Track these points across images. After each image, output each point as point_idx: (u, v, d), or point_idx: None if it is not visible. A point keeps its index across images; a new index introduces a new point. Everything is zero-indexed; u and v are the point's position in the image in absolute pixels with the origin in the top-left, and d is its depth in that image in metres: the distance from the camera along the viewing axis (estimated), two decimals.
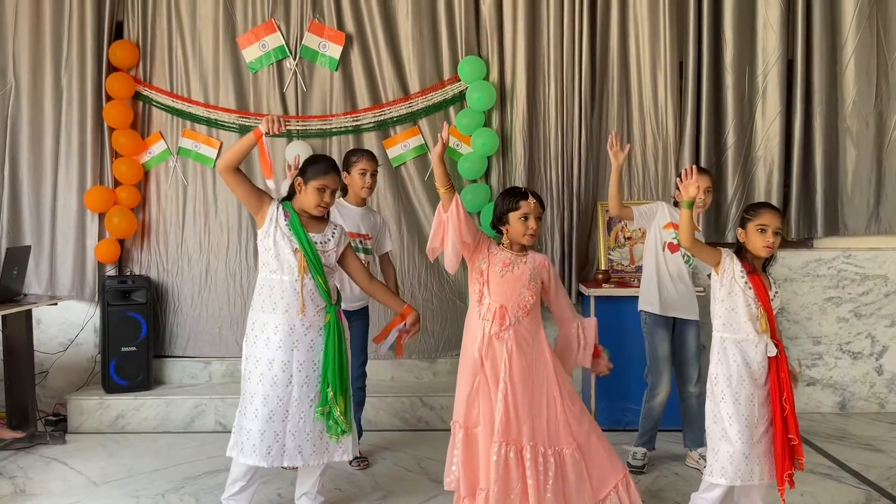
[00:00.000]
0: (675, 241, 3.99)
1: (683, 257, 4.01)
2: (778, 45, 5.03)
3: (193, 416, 4.84)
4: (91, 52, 5.19)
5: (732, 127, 5.08)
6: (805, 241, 5.24)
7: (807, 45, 5.06)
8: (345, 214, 3.94)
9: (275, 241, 3.19)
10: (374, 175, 4.08)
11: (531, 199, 3.13)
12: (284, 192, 3.45)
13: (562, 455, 3.03)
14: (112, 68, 5.24)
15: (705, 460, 3.94)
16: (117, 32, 5.30)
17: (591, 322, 3.27)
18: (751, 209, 3.19)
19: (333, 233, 3.32)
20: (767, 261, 3.16)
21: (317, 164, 3.27)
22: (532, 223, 3.10)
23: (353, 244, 3.62)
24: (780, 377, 3.04)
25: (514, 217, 3.13)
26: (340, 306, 3.32)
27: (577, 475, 3.02)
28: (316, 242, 3.23)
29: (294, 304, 3.17)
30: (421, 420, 4.84)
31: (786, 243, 5.18)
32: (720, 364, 3.12)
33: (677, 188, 3.25)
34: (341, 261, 3.36)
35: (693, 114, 5.06)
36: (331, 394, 3.17)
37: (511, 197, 3.17)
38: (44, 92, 5.24)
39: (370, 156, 4.10)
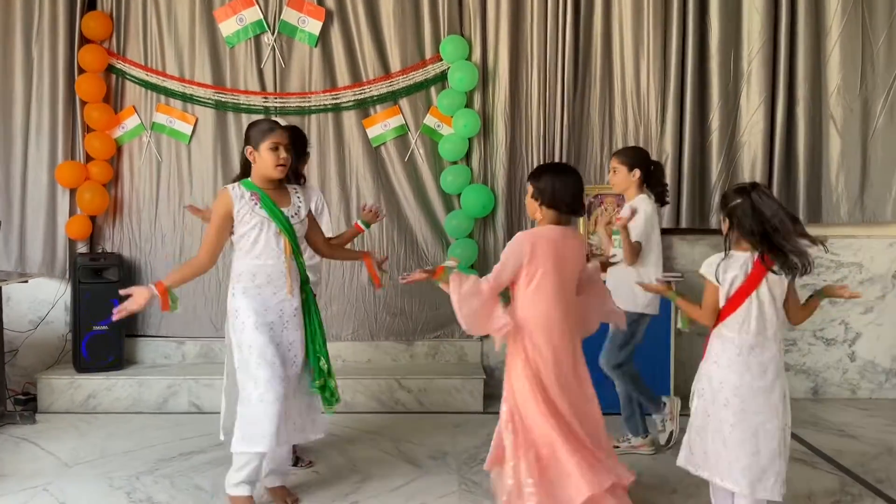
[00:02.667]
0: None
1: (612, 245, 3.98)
2: (763, 29, 5.00)
3: (166, 397, 4.77)
4: (63, 22, 5.05)
5: (717, 110, 5.05)
6: None
7: (791, 31, 5.02)
8: None
9: (252, 227, 3.12)
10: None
11: None
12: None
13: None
14: (84, 40, 5.10)
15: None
16: (90, 3, 5.16)
17: None
18: None
19: (300, 197, 3.29)
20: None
21: (259, 126, 3.20)
22: None
23: None
24: None
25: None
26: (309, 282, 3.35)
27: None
28: (291, 217, 3.20)
29: (281, 287, 3.16)
30: (398, 402, 4.81)
31: None
32: None
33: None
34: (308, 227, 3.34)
35: (676, 98, 5.02)
36: (324, 366, 3.23)
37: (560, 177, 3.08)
38: (14, 63, 5.11)
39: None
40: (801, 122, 5.06)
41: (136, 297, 3.00)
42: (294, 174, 3.45)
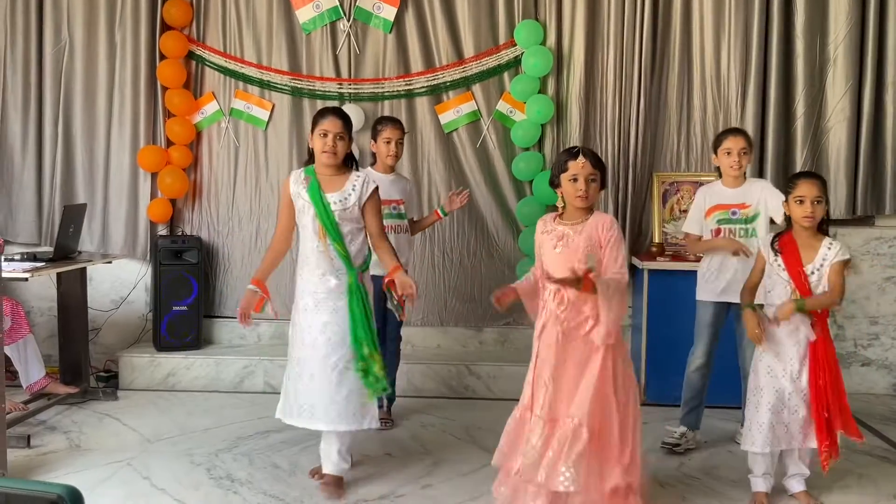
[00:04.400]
0: (719, 226, 3.82)
1: (740, 233, 3.80)
2: (851, 11, 4.81)
3: (243, 377, 4.88)
4: (145, 9, 5.16)
5: (802, 97, 4.89)
6: (866, 219, 5.06)
7: (880, 12, 4.82)
8: None
9: (300, 210, 3.28)
10: (399, 143, 4.10)
11: (581, 159, 2.90)
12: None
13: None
14: (166, 26, 5.20)
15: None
16: None
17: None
18: (790, 180, 3.21)
19: (354, 186, 3.27)
20: (823, 224, 3.16)
21: (317, 115, 3.34)
22: (581, 184, 2.89)
23: (386, 211, 3.78)
24: (817, 357, 3.13)
25: (564, 179, 2.95)
26: (365, 270, 3.33)
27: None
28: (335, 202, 3.23)
29: (317, 269, 3.25)
30: (468, 388, 4.82)
31: (846, 220, 5.02)
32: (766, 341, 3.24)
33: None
34: (363, 212, 3.30)
35: (758, 83, 4.87)
36: (366, 350, 3.21)
37: (561, 157, 3.01)
38: (97, 50, 5.24)
39: (395, 124, 4.12)
40: (889, 109, 4.87)
41: (246, 302, 3.32)
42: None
